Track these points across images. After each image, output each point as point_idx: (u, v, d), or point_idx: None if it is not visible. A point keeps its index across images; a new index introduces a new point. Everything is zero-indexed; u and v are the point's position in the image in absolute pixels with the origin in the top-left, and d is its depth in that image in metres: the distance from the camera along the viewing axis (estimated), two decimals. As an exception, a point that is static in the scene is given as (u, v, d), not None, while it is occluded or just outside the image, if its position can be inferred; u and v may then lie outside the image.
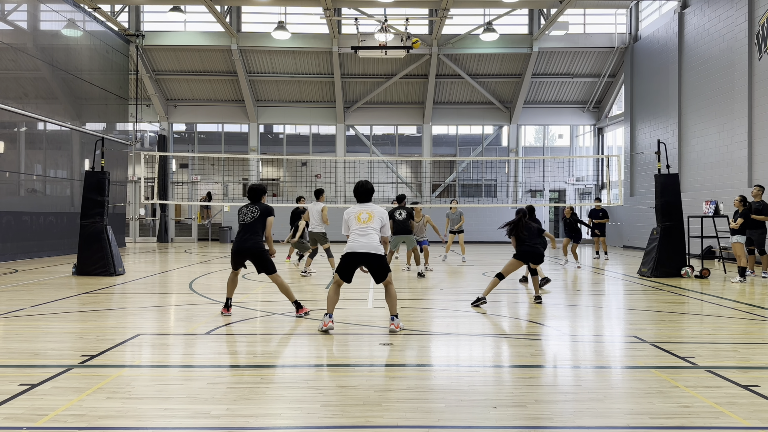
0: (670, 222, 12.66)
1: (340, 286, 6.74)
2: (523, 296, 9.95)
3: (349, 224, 6.72)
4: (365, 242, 6.53)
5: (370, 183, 6.91)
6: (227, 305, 7.60)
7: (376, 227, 6.64)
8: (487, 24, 24.24)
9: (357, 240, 6.56)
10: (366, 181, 6.88)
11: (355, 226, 6.66)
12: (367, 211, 6.70)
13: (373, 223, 6.63)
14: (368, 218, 6.64)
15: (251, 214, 7.46)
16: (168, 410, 4.01)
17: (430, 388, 4.56)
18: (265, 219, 7.45)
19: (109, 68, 22.11)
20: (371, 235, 6.58)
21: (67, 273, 12.94)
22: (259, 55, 26.80)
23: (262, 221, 7.43)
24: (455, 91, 28.52)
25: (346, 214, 6.76)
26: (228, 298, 7.62)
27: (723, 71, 18.26)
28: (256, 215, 7.43)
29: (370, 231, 6.58)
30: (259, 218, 7.42)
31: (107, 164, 13.84)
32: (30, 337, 6.40)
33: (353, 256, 6.56)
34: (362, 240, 6.55)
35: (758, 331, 6.92)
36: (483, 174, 30.13)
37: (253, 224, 7.40)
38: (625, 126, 25.61)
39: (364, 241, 6.54)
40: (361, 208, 6.76)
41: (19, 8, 17.78)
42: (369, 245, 6.53)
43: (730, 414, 3.96)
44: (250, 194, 7.63)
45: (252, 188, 7.64)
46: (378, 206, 6.81)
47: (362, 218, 6.64)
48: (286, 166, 30.42)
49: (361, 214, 6.66)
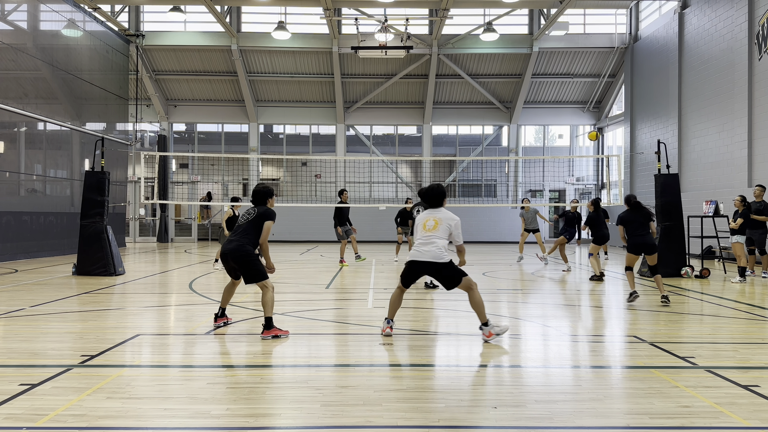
0: (670, 222, 12.66)
1: (403, 291, 6.49)
2: (523, 296, 9.96)
3: (416, 231, 6.44)
4: (426, 251, 6.20)
5: (441, 186, 6.50)
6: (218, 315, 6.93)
7: (441, 235, 6.26)
8: (487, 24, 24.24)
9: (418, 248, 6.26)
10: (438, 184, 6.52)
11: (419, 233, 6.35)
12: (434, 218, 6.35)
13: (439, 231, 6.25)
14: (434, 225, 6.29)
15: (247, 215, 6.69)
16: (168, 410, 4.01)
17: (430, 388, 4.56)
18: (262, 223, 6.55)
19: (109, 68, 22.11)
20: (434, 243, 6.21)
21: (67, 273, 12.94)
22: (259, 55, 26.80)
23: (257, 225, 6.55)
24: (455, 91, 28.51)
25: (416, 221, 6.51)
26: (221, 308, 6.95)
27: (723, 71, 18.26)
28: (252, 217, 6.61)
29: (433, 239, 6.22)
30: (254, 221, 6.56)
31: (107, 164, 13.83)
32: (30, 337, 6.40)
33: (414, 264, 6.27)
34: (423, 248, 6.22)
35: (758, 331, 6.92)
36: (483, 174, 30.13)
37: (246, 227, 6.57)
38: (625, 126, 25.61)
39: (425, 250, 6.21)
40: (429, 214, 6.41)
41: (19, 8, 17.77)
42: (430, 253, 6.17)
43: (730, 414, 3.96)
44: (254, 198, 6.81)
45: (256, 191, 6.78)
46: (448, 212, 6.42)
47: (428, 225, 6.32)
48: (286, 166, 30.42)
49: (428, 222, 6.34)
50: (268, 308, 6.38)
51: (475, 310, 6.19)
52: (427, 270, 6.27)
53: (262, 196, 6.74)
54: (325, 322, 7.47)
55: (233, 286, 6.92)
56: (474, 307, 6.19)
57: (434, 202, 6.44)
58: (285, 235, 27.01)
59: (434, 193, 6.43)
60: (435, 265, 6.20)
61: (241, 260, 6.45)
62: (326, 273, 13.41)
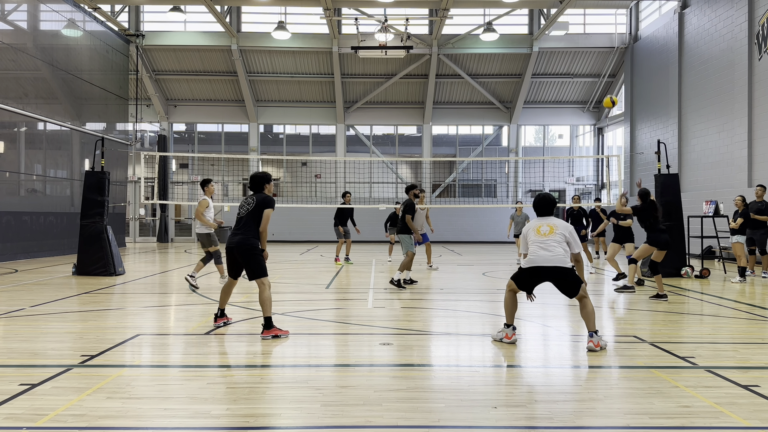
0: (670, 222, 12.65)
1: (517, 293, 6.27)
2: (523, 296, 9.95)
3: (528, 238, 6.15)
4: (548, 255, 5.91)
5: (551, 195, 6.31)
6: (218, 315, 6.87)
7: (559, 240, 5.97)
8: (487, 24, 24.24)
9: (537, 253, 5.95)
10: (547, 193, 6.34)
11: (533, 238, 6.06)
12: (547, 224, 6.08)
13: (556, 236, 5.97)
14: (549, 231, 6.01)
15: (246, 206, 6.52)
16: (168, 410, 4.01)
17: (430, 388, 4.56)
18: (261, 211, 6.42)
19: (109, 68, 22.11)
20: (555, 248, 5.92)
21: (67, 273, 12.94)
22: (259, 55, 26.80)
23: (257, 214, 6.41)
24: (455, 91, 28.51)
25: (525, 229, 6.28)
26: (220, 309, 6.86)
27: (723, 71, 18.26)
28: (251, 207, 6.45)
29: (553, 244, 5.94)
30: (254, 210, 6.42)
31: (107, 164, 13.84)
32: (30, 337, 6.40)
33: (536, 270, 5.98)
34: (544, 253, 5.92)
35: (758, 331, 6.92)
36: (483, 174, 30.13)
37: (247, 218, 6.44)
38: (625, 126, 25.61)
39: (546, 254, 5.91)
40: (541, 221, 6.15)
41: (19, 8, 17.78)
42: (554, 258, 5.89)
43: (730, 414, 3.96)
44: (251, 183, 6.65)
45: (253, 177, 6.64)
46: (561, 221, 6.20)
47: (542, 231, 6.04)
48: (286, 166, 30.42)
49: (541, 227, 6.06)
50: (267, 307, 6.30)
51: (585, 319, 5.95)
52: (550, 275, 5.97)
53: (260, 181, 6.60)
54: (325, 322, 7.47)
55: (231, 286, 6.81)
56: (586, 316, 5.93)
57: (545, 210, 6.24)
58: (285, 235, 27.02)
59: (545, 202, 6.23)
60: (559, 270, 5.93)
61: (246, 254, 6.36)
62: (326, 273, 13.40)
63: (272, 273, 13.41)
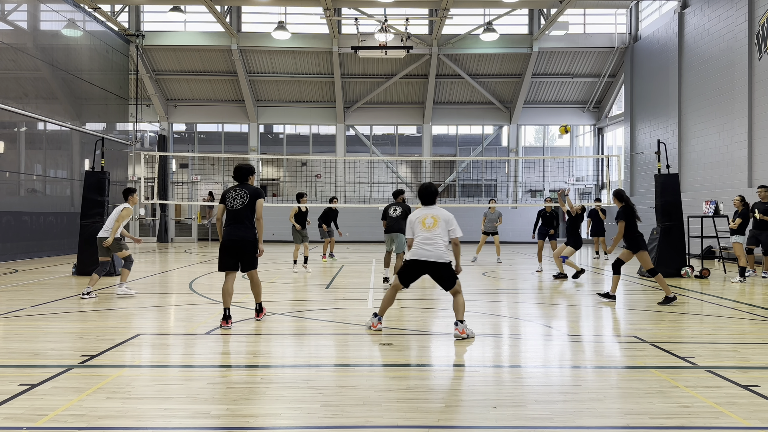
0: (670, 222, 12.66)
1: (398, 290, 6.74)
2: (523, 296, 9.96)
3: (414, 229, 6.61)
4: (429, 251, 6.41)
5: (434, 185, 6.83)
6: (225, 317, 6.79)
7: (441, 233, 6.47)
8: (487, 24, 24.24)
9: (420, 248, 6.45)
10: (431, 183, 6.82)
11: (419, 231, 6.53)
12: (432, 215, 6.56)
13: (438, 228, 6.47)
14: (433, 223, 6.50)
15: (240, 199, 6.77)
16: (168, 410, 4.01)
17: (430, 388, 4.56)
18: (255, 202, 6.78)
19: (109, 68, 22.11)
20: (437, 243, 6.42)
21: (67, 273, 12.94)
22: (259, 55, 26.80)
23: (252, 206, 6.77)
24: (455, 91, 28.51)
25: (412, 217, 6.69)
26: (226, 309, 6.82)
27: (723, 71, 18.26)
28: (247, 200, 6.75)
29: (436, 239, 6.43)
30: (249, 203, 6.75)
31: (107, 164, 13.84)
32: (30, 337, 6.40)
33: (417, 263, 6.47)
34: (426, 249, 6.43)
35: (758, 331, 6.92)
36: (483, 174, 30.12)
37: (245, 211, 6.74)
38: (625, 126, 25.61)
39: (427, 251, 6.42)
40: (426, 212, 6.63)
41: (19, 8, 17.77)
42: (433, 254, 6.40)
43: (730, 414, 3.96)
44: (236, 174, 6.95)
45: (238, 167, 6.96)
46: (443, 211, 6.66)
47: (427, 223, 6.52)
48: (286, 166, 30.42)
49: (426, 219, 6.54)
50: (260, 295, 7.24)
51: (455, 310, 6.46)
52: (429, 269, 6.47)
53: (245, 172, 6.99)
54: (325, 322, 7.47)
55: (231, 281, 6.91)
56: (456, 308, 6.46)
57: (430, 199, 6.75)
58: (285, 235, 26.97)
59: (429, 192, 6.76)
60: (438, 265, 6.44)
61: (250, 247, 6.81)
62: (326, 273, 13.40)
63: (272, 273, 13.43)
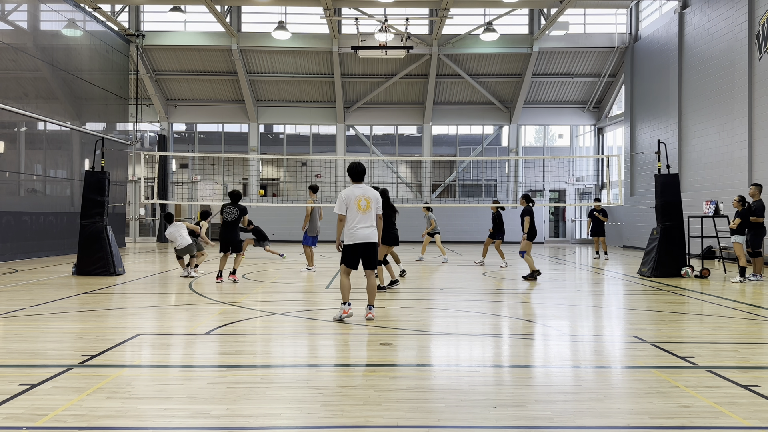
0: (670, 222, 12.65)
1: (350, 273, 7.16)
2: (523, 296, 9.95)
3: (348, 206, 7.00)
4: (365, 233, 7.00)
5: (362, 164, 7.29)
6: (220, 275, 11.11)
7: (372, 216, 7.05)
8: (487, 24, 24.23)
9: (358, 231, 6.99)
10: (359, 162, 7.29)
11: (355, 213, 6.99)
12: (365, 197, 7.03)
13: (371, 212, 7.04)
14: (366, 206, 7.02)
15: (233, 214, 11.17)
16: (168, 410, 4.01)
17: (430, 388, 4.56)
18: (242, 216, 11.29)
19: (109, 68, 22.11)
20: (370, 225, 7.03)
21: (67, 273, 12.94)
22: (259, 55, 26.80)
23: (239, 219, 11.27)
24: (455, 91, 28.51)
25: (344, 195, 7.03)
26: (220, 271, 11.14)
27: (723, 71, 18.25)
28: (237, 215, 11.20)
29: (369, 221, 7.02)
30: (239, 217, 11.24)
31: (107, 164, 13.83)
32: (30, 337, 6.40)
33: (356, 246, 7.02)
34: (362, 232, 6.99)
35: (758, 331, 6.93)
36: (483, 174, 30.12)
37: (236, 222, 11.28)
38: (625, 126, 25.60)
39: (364, 233, 6.99)
40: (359, 192, 7.06)
41: (19, 8, 17.77)
42: (369, 236, 7.02)
43: (730, 414, 3.96)
44: (231, 197, 11.32)
45: (232, 193, 11.36)
46: (373, 191, 7.19)
47: (362, 205, 6.99)
48: (286, 166, 30.42)
49: (361, 201, 7.00)
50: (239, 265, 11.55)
51: (368, 293, 7.14)
52: (365, 249, 7.04)
53: (238, 197, 11.37)
54: (325, 322, 7.46)
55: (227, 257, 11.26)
56: (369, 291, 7.13)
57: (360, 178, 7.22)
58: (285, 235, 26.99)
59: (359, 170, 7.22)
60: (372, 246, 7.06)
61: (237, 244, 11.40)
62: (326, 273, 13.41)
63: (272, 273, 13.43)
